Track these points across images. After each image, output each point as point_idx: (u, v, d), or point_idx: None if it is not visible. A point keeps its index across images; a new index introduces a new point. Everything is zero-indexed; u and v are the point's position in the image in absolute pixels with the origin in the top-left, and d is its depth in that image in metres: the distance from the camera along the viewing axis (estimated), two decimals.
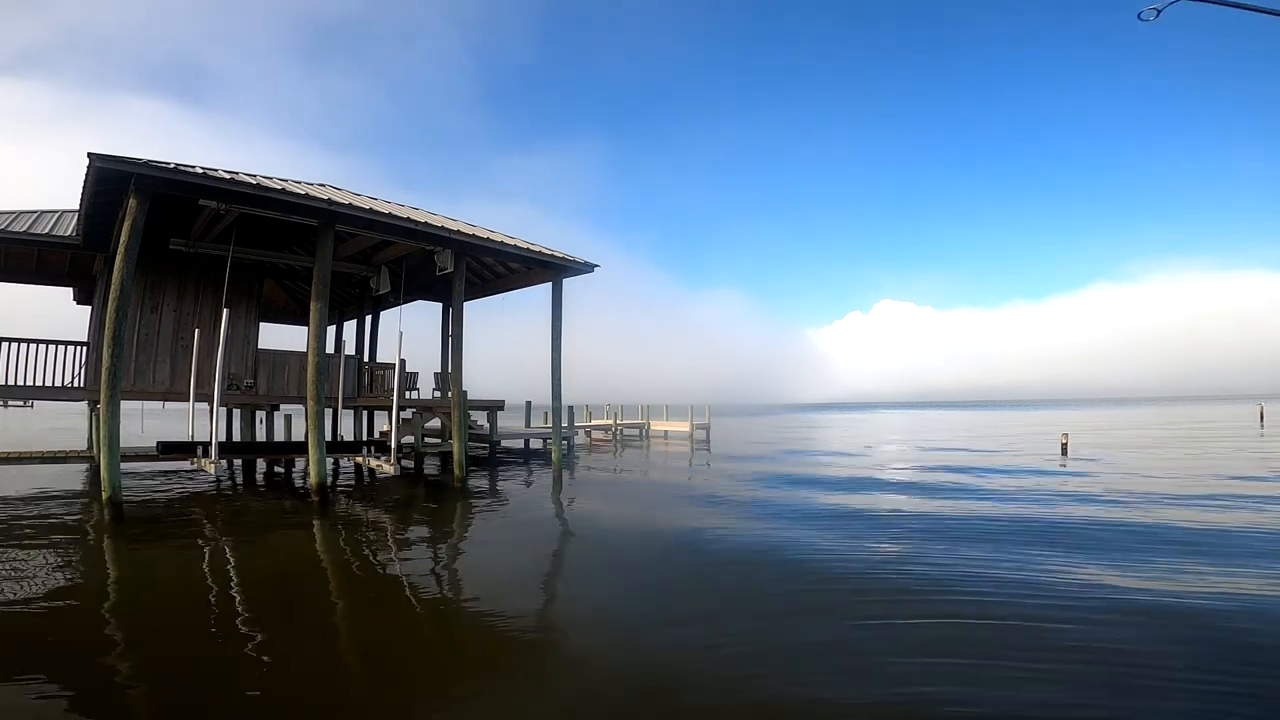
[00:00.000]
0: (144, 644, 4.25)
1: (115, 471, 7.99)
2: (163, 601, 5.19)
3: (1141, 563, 6.11)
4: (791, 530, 7.86)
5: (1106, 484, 11.80)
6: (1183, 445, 21.85)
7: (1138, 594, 5.10)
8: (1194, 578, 5.60)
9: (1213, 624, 4.44)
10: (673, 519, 9.06)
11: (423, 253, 12.51)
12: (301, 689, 3.58)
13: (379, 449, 12.72)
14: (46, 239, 11.22)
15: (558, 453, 14.18)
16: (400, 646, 4.21)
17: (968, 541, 7.07)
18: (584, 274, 13.92)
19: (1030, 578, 5.58)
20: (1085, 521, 8.24)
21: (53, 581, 5.51)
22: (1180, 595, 5.10)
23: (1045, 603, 4.90)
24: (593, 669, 3.85)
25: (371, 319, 17.60)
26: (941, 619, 4.57)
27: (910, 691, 3.47)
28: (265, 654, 4.04)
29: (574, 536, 8.26)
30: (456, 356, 12.12)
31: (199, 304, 12.78)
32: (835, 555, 6.57)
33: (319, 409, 9.40)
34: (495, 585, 5.72)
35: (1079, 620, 4.51)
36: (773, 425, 43.67)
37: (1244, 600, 4.95)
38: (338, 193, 10.96)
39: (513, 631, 4.57)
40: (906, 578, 5.64)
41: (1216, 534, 7.43)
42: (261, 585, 5.71)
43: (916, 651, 3.99)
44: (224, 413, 13.51)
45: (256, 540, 7.52)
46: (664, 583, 5.75)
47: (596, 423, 26.64)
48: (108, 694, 3.45)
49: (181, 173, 8.31)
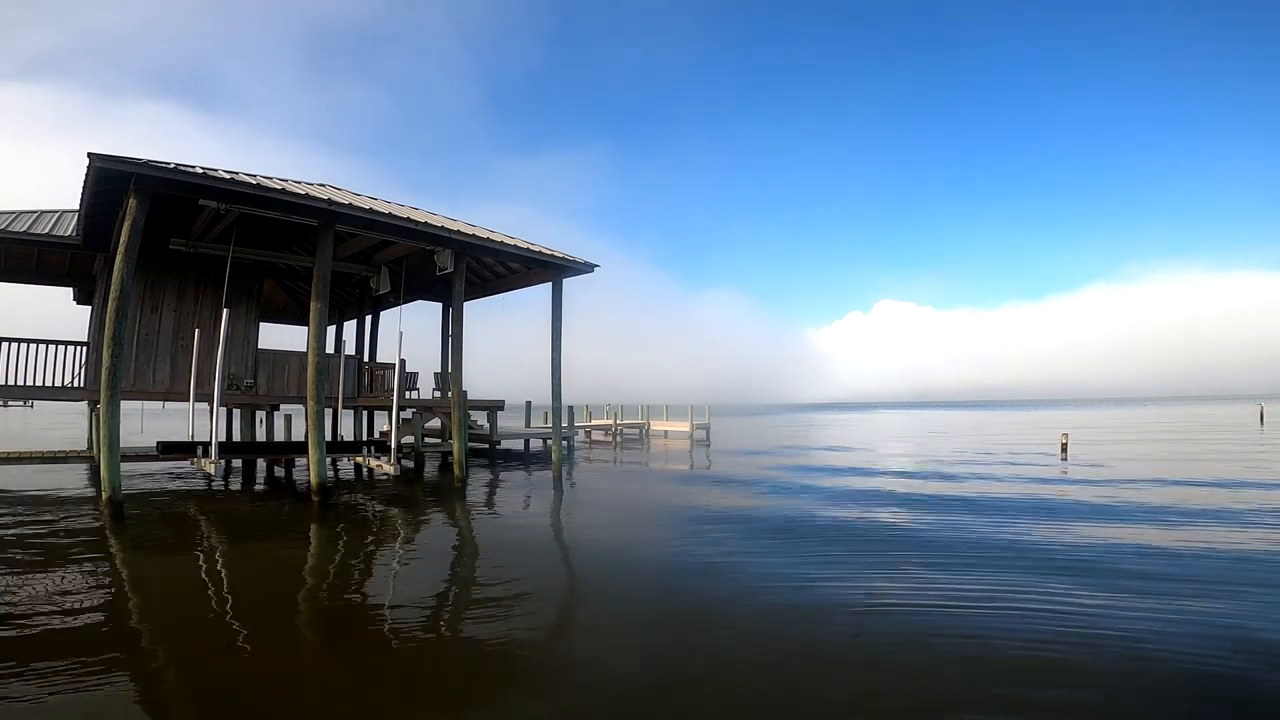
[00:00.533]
0: (143, 644, 4.25)
1: (115, 471, 7.99)
2: (162, 601, 5.19)
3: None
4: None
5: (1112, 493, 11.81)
6: (1185, 446, 21.86)
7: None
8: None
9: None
10: (672, 519, 9.08)
11: (423, 253, 12.51)
12: (298, 690, 3.58)
13: (379, 449, 12.72)
14: (46, 239, 11.23)
15: (557, 453, 14.18)
16: (399, 656, 4.21)
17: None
18: (584, 274, 13.93)
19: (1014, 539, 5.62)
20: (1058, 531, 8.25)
21: (52, 581, 5.50)
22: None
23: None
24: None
25: (371, 319, 17.61)
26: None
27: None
28: (264, 654, 4.04)
29: (574, 535, 8.26)
30: (456, 356, 12.12)
31: (199, 304, 12.78)
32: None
33: (319, 409, 9.41)
34: (495, 585, 5.72)
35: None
36: (773, 425, 43.65)
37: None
38: (338, 193, 10.96)
39: (519, 637, 4.57)
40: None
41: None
42: (261, 586, 5.70)
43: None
44: (224, 413, 13.51)
45: (256, 541, 7.51)
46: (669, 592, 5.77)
47: (596, 423, 26.64)
48: (106, 695, 3.45)
49: (181, 173, 8.31)
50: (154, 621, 4.71)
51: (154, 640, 4.32)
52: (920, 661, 3.85)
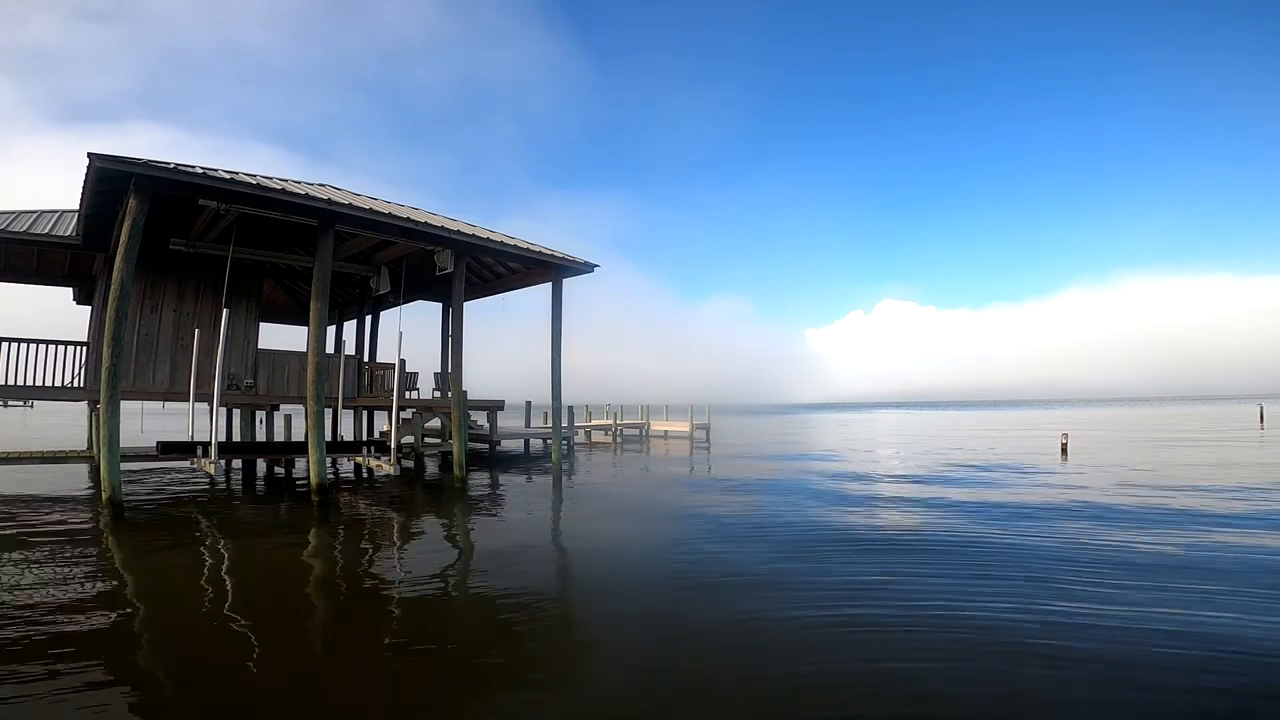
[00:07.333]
0: (141, 645, 4.25)
1: (115, 471, 7.99)
2: (161, 602, 5.18)
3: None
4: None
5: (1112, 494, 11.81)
6: (1188, 448, 21.86)
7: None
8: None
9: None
10: (669, 517, 9.08)
11: (423, 253, 12.51)
12: (294, 692, 3.59)
13: (379, 449, 12.71)
14: (46, 239, 11.22)
15: (557, 453, 14.17)
16: (399, 654, 4.21)
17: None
18: (584, 274, 13.94)
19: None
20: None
21: (51, 581, 5.51)
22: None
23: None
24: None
25: (371, 319, 17.62)
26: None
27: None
28: (262, 656, 4.04)
29: (573, 535, 8.26)
30: (456, 356, 12.12)
31: (199, 304, 12.78)
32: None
33: (319, 409, 9.41)
34: (496, 586, 5.72)
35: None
36: (773, 425, 43.65)
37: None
38: (338, 193, 10.96)
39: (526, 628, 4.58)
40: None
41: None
42: (260, 586, 5.70)
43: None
44: (224, 413, 13.49)
45: (256, 541, 7.51)
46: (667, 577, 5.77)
47: (596, 423, 26.63)
48: (101, 693, 3.45)
49: (181, 173, 8.31)
50: (155, 621, 4.70)
51: (154, 640, 4.32)
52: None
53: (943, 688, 3.49)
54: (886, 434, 32.16)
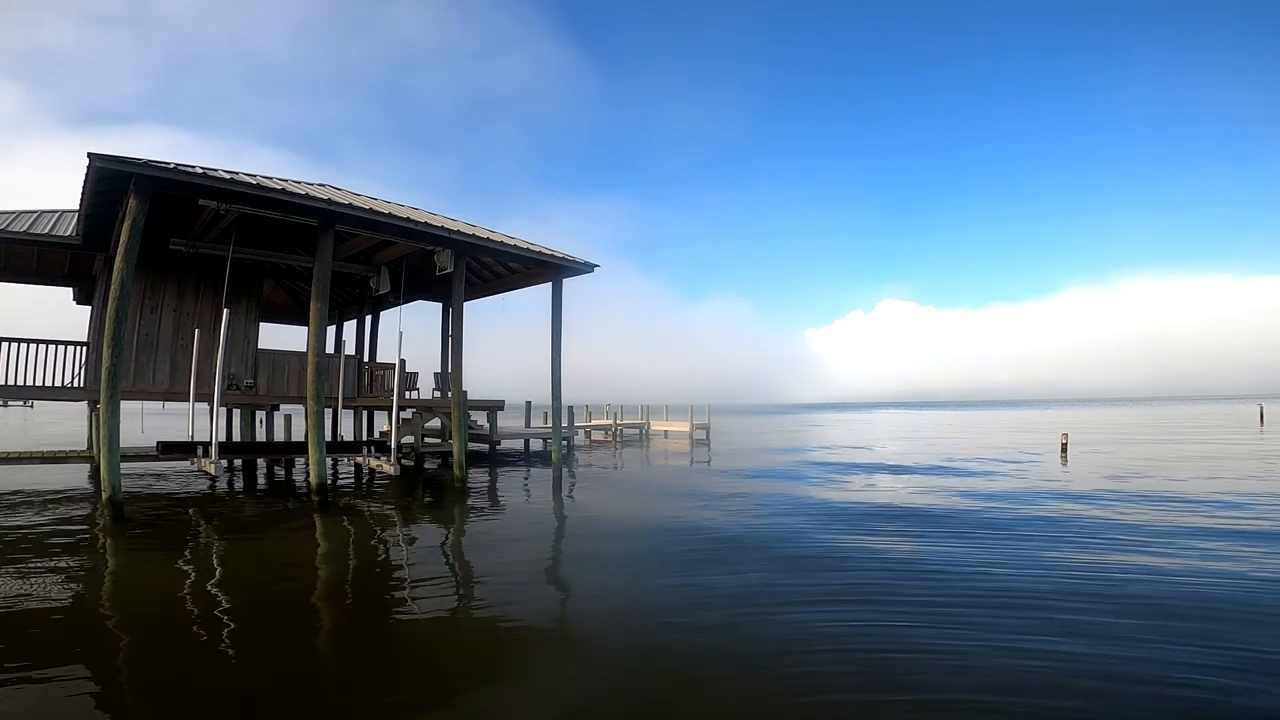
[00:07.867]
0: (140, 645, 4.26)
1: (115, 471, 7.99)
2: (160, 602, 5.18)
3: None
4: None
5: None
6: (1189, 449, 21.87)
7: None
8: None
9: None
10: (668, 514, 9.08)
11: (423, 253, 12.51)
12: (292, 692, 3.59)
13: (379, 449, 12.71)
14: (46, 239, 11.22)
15: (557, 452, 14.17)
16: (400, 652, 4.21)
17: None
18: (584, 274, 13.93)
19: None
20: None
21: (51, 581, 5.51)
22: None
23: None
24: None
25: (371, 319, 17.61)
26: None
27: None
28: (260, 657, 4.04)
29: (573, 535, 8.26)
30: (456, 356, 12.12)
31: (199, 304, 12.78)
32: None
33: (319, 409, 9.41)
34: (496, 586, 5.72)
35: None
36: (772, 425, 43.64)
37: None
38: (338, 193, 10.96)
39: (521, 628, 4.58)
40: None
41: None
42: (260, 585, 5.70)
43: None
44: (224, 413, 13.48)
45: (256, 541, 7.51)
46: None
47: (596, 422, 26.62)
48: (99, 693, 3.46)
49: (181, 173, 8.31)
50: (155, 621, 4.70)
51: (155, 640, 4.32)
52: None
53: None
54: (886, 434, 32.17)
